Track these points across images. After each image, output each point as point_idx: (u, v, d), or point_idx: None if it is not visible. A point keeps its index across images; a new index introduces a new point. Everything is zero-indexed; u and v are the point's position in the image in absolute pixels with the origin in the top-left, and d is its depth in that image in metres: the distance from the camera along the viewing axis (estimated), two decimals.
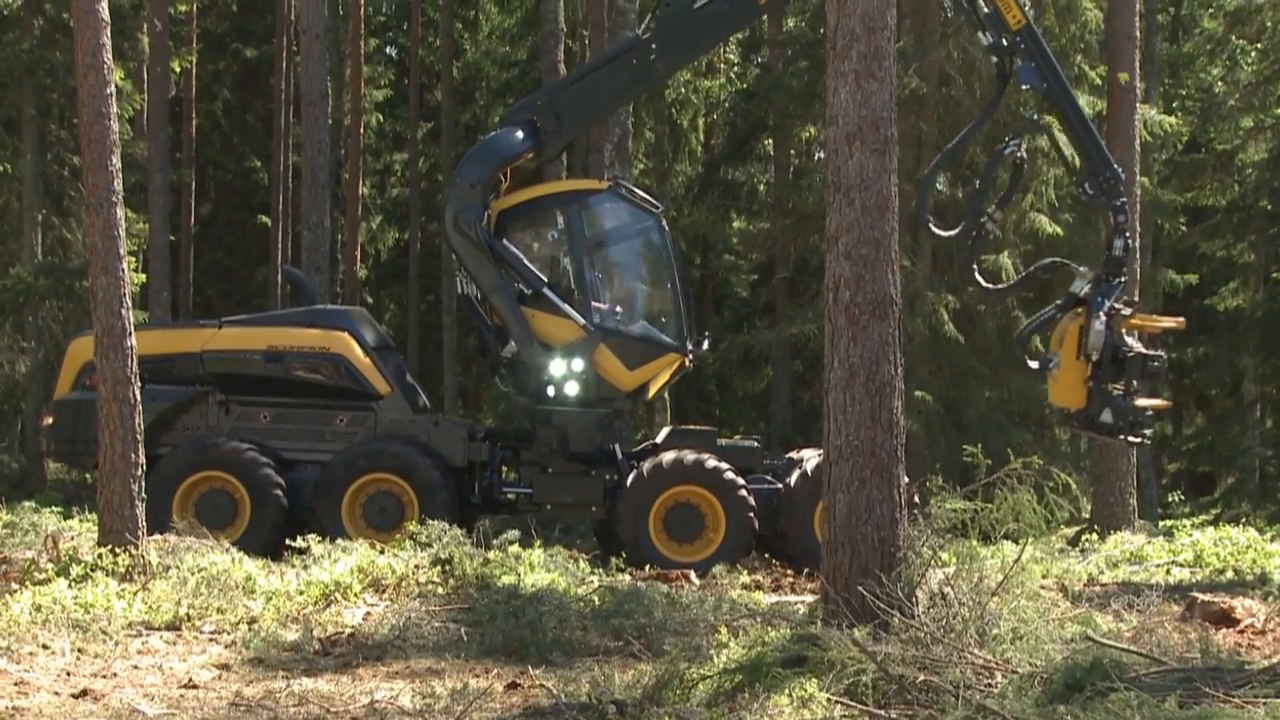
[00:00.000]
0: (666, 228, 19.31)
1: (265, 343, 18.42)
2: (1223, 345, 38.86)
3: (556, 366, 18.30)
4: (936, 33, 26.88)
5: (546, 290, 18.39)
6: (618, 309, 18.95)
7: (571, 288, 18.60)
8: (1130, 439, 17.88)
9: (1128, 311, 17.78)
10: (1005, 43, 17.32)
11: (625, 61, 19.01)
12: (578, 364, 18.26)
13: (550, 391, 18.37)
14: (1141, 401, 17.93)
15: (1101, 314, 17.34)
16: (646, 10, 25.24)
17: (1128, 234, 17.89)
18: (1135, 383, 17.65)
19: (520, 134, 18.79)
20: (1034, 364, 18.23)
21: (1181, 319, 19.61)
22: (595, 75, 19.25)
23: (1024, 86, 17.50)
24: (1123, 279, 17.75)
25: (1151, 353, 17.75)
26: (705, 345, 19.55)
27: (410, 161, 39.84)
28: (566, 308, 18.33)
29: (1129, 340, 17.70)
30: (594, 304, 18.50)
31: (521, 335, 18.36)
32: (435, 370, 37.64)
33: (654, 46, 18.69)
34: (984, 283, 19.48)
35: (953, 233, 18.80)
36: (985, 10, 17.31)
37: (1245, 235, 36.55)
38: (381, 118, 43.72)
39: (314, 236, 26.45)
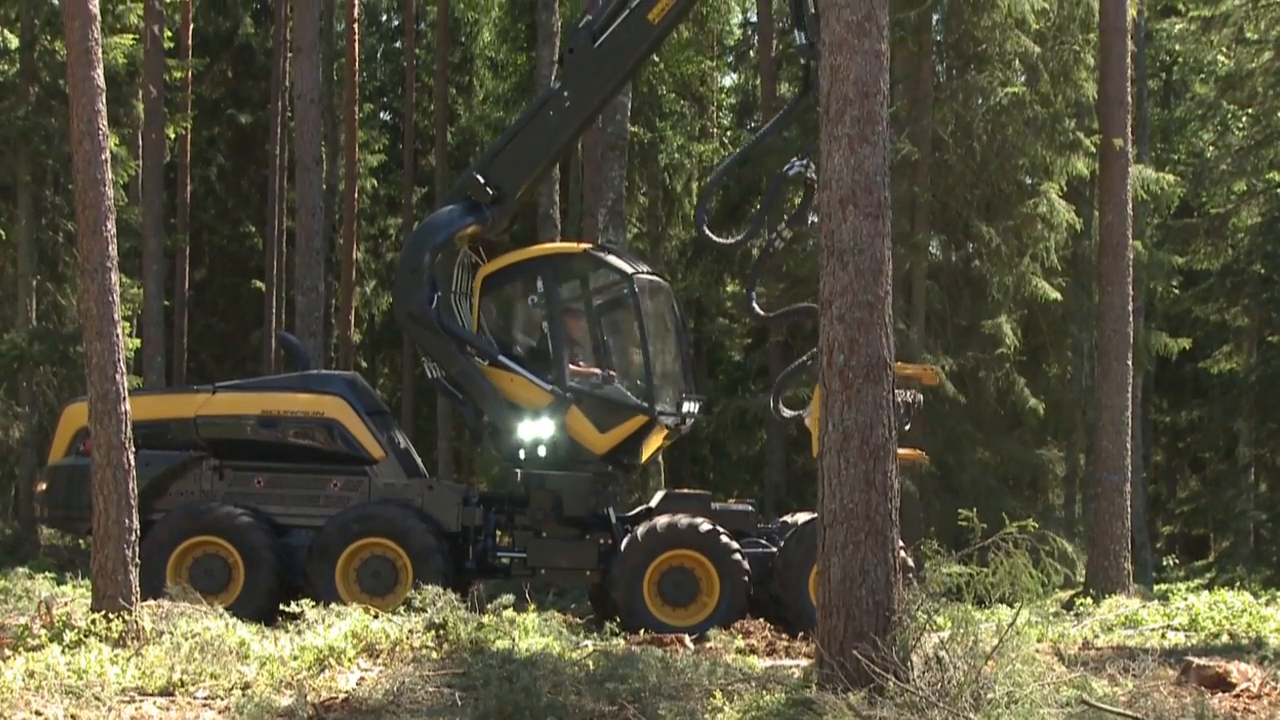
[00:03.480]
0: (638, 290, 18.95)
1: (259, 408, 18.43)
2: (1217, 409, 38.94)
3: (526, 429, 18.38)
4: (929, 98, 27.04)
5: (503, 358, 18.54)
6: (595, 371, 18.92)
7: (548, 351, 18.64)
8: None
9: None
10: (818, 48, 17.52)
11: (543, 116, 19.02)
12: (548, 426, 18.31)
13: (522, 455, 18.40)
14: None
15: None
16: None
17: None
18: None
19: (458, 211, 18.87)
20: (789, 413, 18.63)
21: (931, 368, 19.95)
22: (520, 138, 19.17)
23: None
24: None
25: (899, 400, 18.01)
26: (691, 407, 19.32)
27: (405, 226, 39.87)
28: (525, 373, 18.42)
29: None
30: (569, 366, 18.53)
31: (492, 403, 18.43)
32: (429, 435, 37.61)
33: (566, 94, 18.78)
34: (758, 308, 20.08)
35: (731, 241, 20.39)
36: (811, 11, 17.28)
37: (1239, 299, 36.63)
38: (376, 182, 43.93)
39: (308, 301, 26.48)
